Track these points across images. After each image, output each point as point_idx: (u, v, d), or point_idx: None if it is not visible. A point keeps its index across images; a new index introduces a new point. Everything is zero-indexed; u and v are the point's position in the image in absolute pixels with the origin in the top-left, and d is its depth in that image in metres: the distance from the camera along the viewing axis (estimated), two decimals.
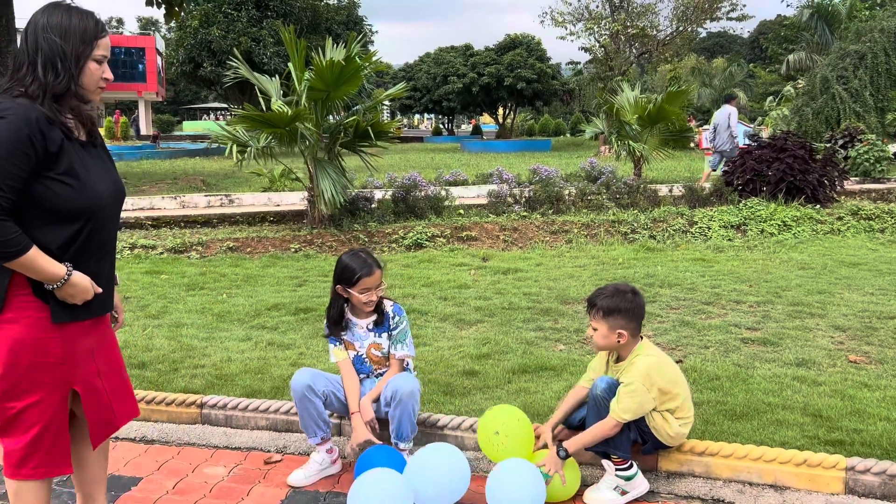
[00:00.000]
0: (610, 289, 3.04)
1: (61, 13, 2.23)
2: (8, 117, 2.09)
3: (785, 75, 35.29)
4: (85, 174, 2.23)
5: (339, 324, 3.32)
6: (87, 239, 2.26)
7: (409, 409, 3.13)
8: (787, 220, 9.59)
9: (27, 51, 2.22)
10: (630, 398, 2.88)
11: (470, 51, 52.37)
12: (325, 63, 8.69)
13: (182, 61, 35.05)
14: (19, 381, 2.21)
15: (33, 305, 2.20)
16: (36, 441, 2.25)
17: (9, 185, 2.07)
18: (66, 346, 2.26)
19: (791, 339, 4.93)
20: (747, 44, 71.10)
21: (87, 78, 2.27)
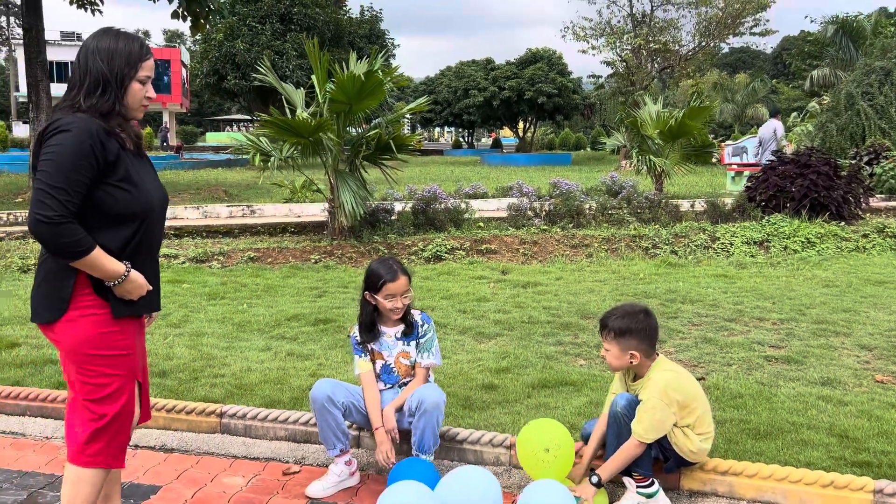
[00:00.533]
0: (621, 309, 3.03)
1: (109, 38, 2.42)
2: (72, 130, 2.28)
3: (809, 91, 35.01)
4: (139, 180, 2.43)
5: (372, 331, 3.32)
6: (140, 240, 2.45)
7: (433, 421, 3.11)
8: (811, 236, 9.48)
9: (78, 72, 2.41)
10: (650, 416, 2.84)
11: (491, 65, 52.58)
12: (347, 76, 8.75)
13: (206, 73, 35.48)
14: (92, 375, 2.39)
15: (95, 303, 2.37)
16: (101, 431, 2.42)
17: (75, 192, 2.26)
18: (127, 338, 2.45)
19: (816, 358, 4.86)
20: (770, 59, 70.71)
21: (131, 97, 2.45)
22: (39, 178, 2.27)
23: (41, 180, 2.25)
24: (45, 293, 2.39)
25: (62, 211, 2.22)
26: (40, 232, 2.24)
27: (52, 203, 2.22)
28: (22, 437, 3.83)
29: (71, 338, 2.36)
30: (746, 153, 17.98)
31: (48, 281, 2.38)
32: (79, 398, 2.43)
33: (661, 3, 34.00)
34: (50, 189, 2.23)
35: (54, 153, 2.27)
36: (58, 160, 2.26)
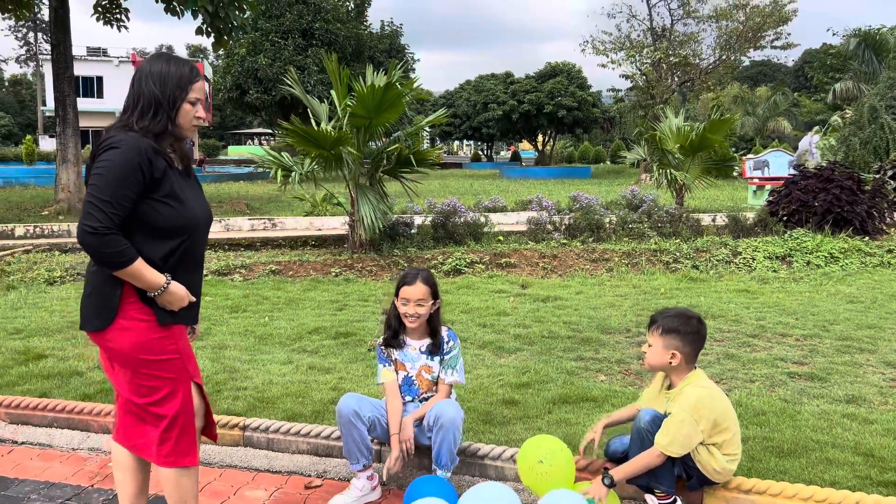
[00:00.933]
0: (677, 310, 3.04)
1: (162, 62, 2.57)
2: (122, 147, 2.42)
3: (831, 104, 34.72)
4: (184, 197, 2.55)
5: (397, 337, 3.34)
6: (184, 254, 2.57)
7: (450, 437, 3.12)
8: (835, 251, 9.39)
9: (133, 95, 2.55)
10: (677, 429, 2.83)
11: (510, 78, 52.69)
12: (367, 89, 8.83)
13: (229, 88, 35.90)
14: (146, 379, 2.52)
15: (141, 312, 2.50)
16: (166, 432, 2.56)
17: (121, 205, 2.39)
18: (176, 343, 2.57)
19: (840, 375, 4.81)
20: (792, 72, 70.23)
21: (182, 118, 2.58)
22: (89, 191, 2.40)
23: (91, 193, 2.38)
24: (94, 302, 2.51)
25: (108, 223, 2.35)
26: (87, 242, 2.37)
27: (99, 215, 2.35)
28: (49, 448, 3.88)
29: (124, 344, 2.48)
30: (768, 167, 17.87)
31: (98, 291, 2.50)
32: (138, 404, 2.56)
33: (681, 17, 33.97)
34: (98, 202, 2.36)
35: (104, 168, 2.40)
36: (107, 175, 2.39)
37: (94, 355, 5.28)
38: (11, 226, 12.57)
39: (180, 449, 2.58)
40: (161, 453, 2.57)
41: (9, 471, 3.59)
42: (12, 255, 9.90)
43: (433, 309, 3.34)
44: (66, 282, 8.56)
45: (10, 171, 29.38)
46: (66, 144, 16.15)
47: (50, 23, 16.37)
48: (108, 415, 3.99)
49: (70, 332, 6.08)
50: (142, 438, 2.62)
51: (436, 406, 3.20)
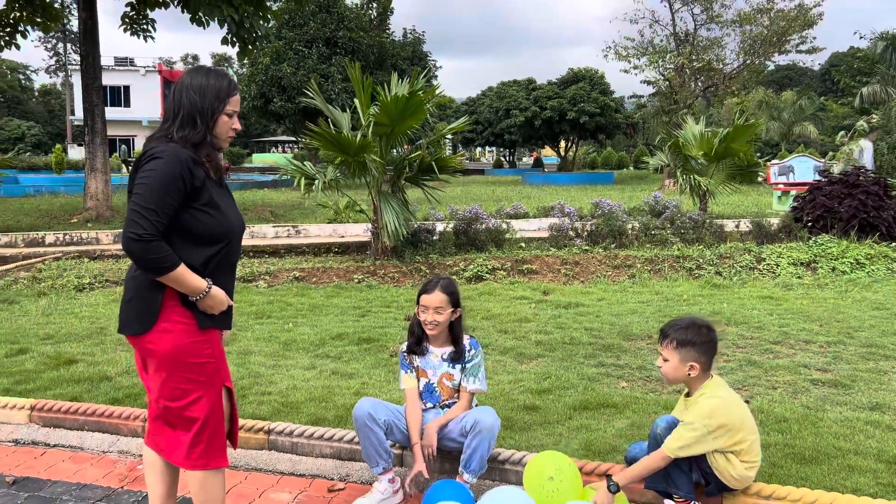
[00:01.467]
0: (686, 321, 3.03)
1: (201, 76, 2.67)
2: (164, 157, 2.51)
3: (858, 108, 34.29)
4: (222, 206, 2.66)
5: (420, 343, 3.39)
6: (221, 260, 2.66)
7: (485, 444, 3.16)
8: (861, 258, 9.29)
9: (173, 106, 2.64)
10: (687, 434, 2.86)
11: (532, 85, 52.70)
12: (391, 98, 8.92)
13: (253, 96, 36.29)
14: (181, 382, 2.60)
15: (182, 315, 2.58)
16: (198, 435, 2.63)
17: (164, 213, 2.48)
18: (213, 347, 2.66)
19: (864, 382, 4.78)
20: (818, 76, 69.42)
21: (219, 129, 2.68)
22: (134, 199, 2.49)
23: (135, 202, 2.48)
24: (135, 307, 2.59)
25: (152, 230, 2.44)
26: (131, 248, 2.45)
27: (144, 223, 2.44)
28: (80, 451, 3.98)
29: (164, 346, 2.56)
30: (793, 172, 17.70)
31: (139, 296, 2.59)
32: (170, 407, 2.63)
33: (704, 22, 33.76)
34: (142, 210, 2.45)
35: (148, 177, 2.49)
36: (150, 184, 2.48)
37: (123, 361, 5.40)
38: (42, 233, 12.82)
39: (211, 452, 2.65)
40: (192, 456, 2.63)
41: (42, 472, 3.69)
42: (43, 262, 10.11)
43: (454, 317, 3.38)
44: (95, 288, 8.73)
45: (41, 179, 29.95)
46: (94, 153, 16.45)
47: (79, 34, 16.70)
48: (136, 419, 4.09)
49: (99, 337, 6.21)
50: (170, 443, 2.69)
51: (473, 412, 3.24)
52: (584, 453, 3.58)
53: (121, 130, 47.37)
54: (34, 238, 12.54)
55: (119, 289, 8.67)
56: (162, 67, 52.61)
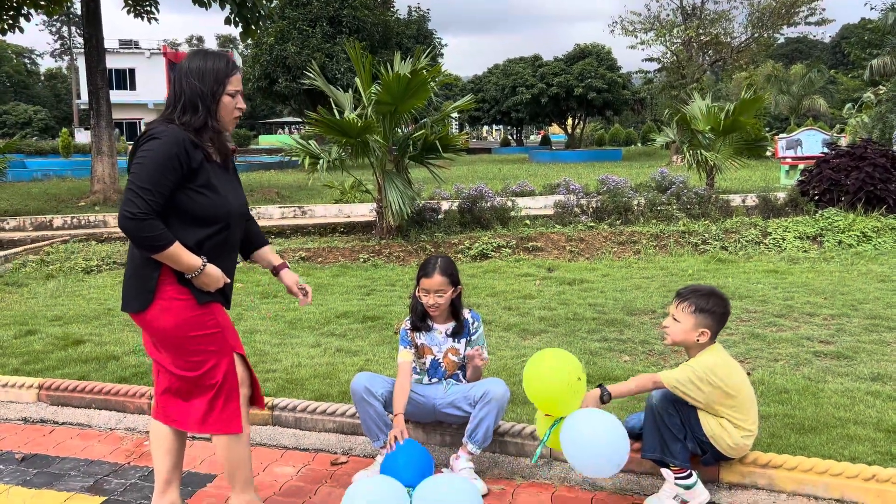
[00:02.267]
0: (707, 288, 3.06)
1: (199, 59, 2.69)
2: (162, 138, 2.56)
3: (868, 81, 33.90)
4: (219, 188, 2.69)
5: (424, 320, 3.42)
6: (217, 240, 2.70)
7: (493, 414, 3.19)
8: (867, 230, 9.25)
9: (175, 92, 2.68)
10: (685, 371, 2.92)
11: (539, 61, 52.30)
12: (392, 77, 8.88)
13: (258, 77, 36.19)
14: (191, 354, 2.66)
15: (179, 292, 2.63)
16: (213, 400, 2.70)
17: (159, 193, 2.52)
18: (216, 317, 2.72)
19: (867, 354, 4.78)
20: (828, 49, 68.60)
21: (223, 110, 2.71)
22: (130, 178, 2.54)
23: (131, 181, 2.52)
24: (133, 285, 2.66)
25: (146, 209, 2.48)
26: (127, 226, 2.49)
27: (138, 201, 2.48)
28: (88, 428, 4.05)
29: (165, 324, 2.62)
30: (801, 146, 17.56)
31: (136, 274, 2.65)
32: (189, 378, 2.69)
33: None
34: (138, 189, 2.49)
35: (144, 157, 2.54)
36: (147, 164, 2.53)
37: (130, 341, 5.46)
38: (50, 217, 12.91)
39: (225, 416, 2.71)
40: (208, 422, 2.71)
41: (51, 449, 3.75)
42: (51, 246, 10.19)
43: (454, 295, 3.40)
44: (103, 270, 8.80)
45: (48, 163, 30.07)
46: (100, 136, 16.49)
47: (82, 17, 16.68)
48: (143, 396, 4.15)
49: (107, 318, 6.27)
50: (182, 412, 2.76)
51: (486, 382, 3.28)
52: None
53: (127, 114, 47.39)
54: (42, 222, 12.62)
55: None
56: (167, 49, 52.47)
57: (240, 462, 2.78)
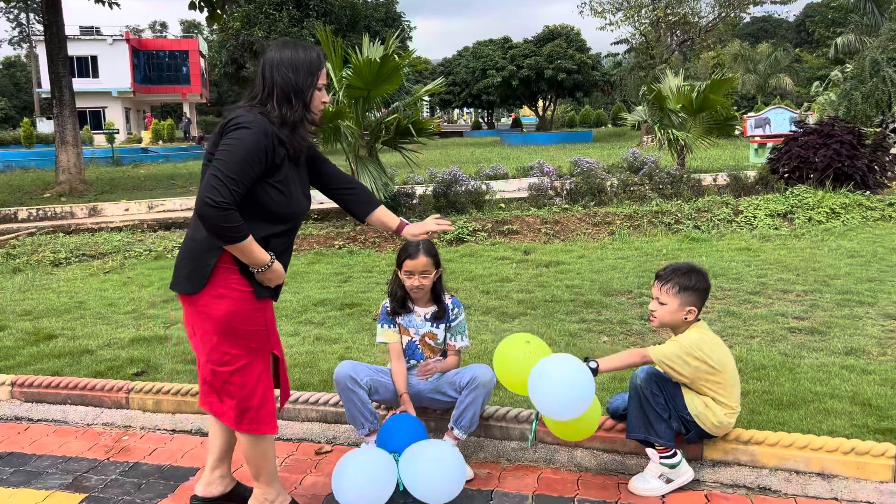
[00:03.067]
0: (686, 266, 3.06)
1: (290, 49, 2.63)
2: (252, 128, 2.49)
3: (833, 59, 34.36)
4: (294, 186, 2.65)
5: (405, 305, 3.39)
6: (282, 238, 2.67)
7: (479, 400, 3.18)
8: (836, 207, 9.40)
9: (264, 83, 2.60)
10: (672, 346, 2.95)
11: (509, 43, 52.19)
12: (363, 61, 8.79)
13: (225, 63, 35.70)
14: (232, 347, 2.61)
15: (240, 283, 2.59)
16: (247, 400, 2.65)
17: (243, 184, 2.46)
18: (266, 316, 2.68)
19: (840, 328, 4.87)
20: (793, 28, 69.34)
21: (313, 104, 2.66)
22: (216, 165, 2.46)
23: (217, 167, 2.44)
24: (188, 266, 2.60)
25: (229, 198, 2.42)
26: (206, 213, 2.41)
27: (223, 190, 2.41)
28: (64, 425, 3.97)
29: (218, 311, 2.57)
30: (769, 124, 17.75)
31: (193, 257, 2.59)
32: (217, 372, 2.64)
33: None
34: (223, 177, 2.42)
35: (233, 145, 2.47)
36: (236, 152, 2.46)
37: (104, 334, 5.37)
38: (14, 209, 12.62)
39: (260, 418, 2.67)
40: (244, 422, 2.66)
41: (27, 447, 3.68)
42: (17, 239, 9.97)
43: (437, 276, 3.38)
44: (72, 263, 8.63)
45: (10, 154, 29.35)
46: (63, 126, 16.13)
47: (41, 3, 16.25)
48: (120, 390, 4.08)
49: (78, 311, 6.16)
50: (219, 407, 2.71)
51: (472, 367, 3.26)
52: None
53: (90, 102, 46.34)
54: (6, 214, 12.34)
55: (96, 263, 8.58)
56: (129, 36, 51.38)
57: (265, 456, 2.75)
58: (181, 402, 3.95)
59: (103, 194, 15.71)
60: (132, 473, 3.34)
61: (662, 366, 2.94)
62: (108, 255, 8.90)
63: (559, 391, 2.83)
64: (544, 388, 2.86)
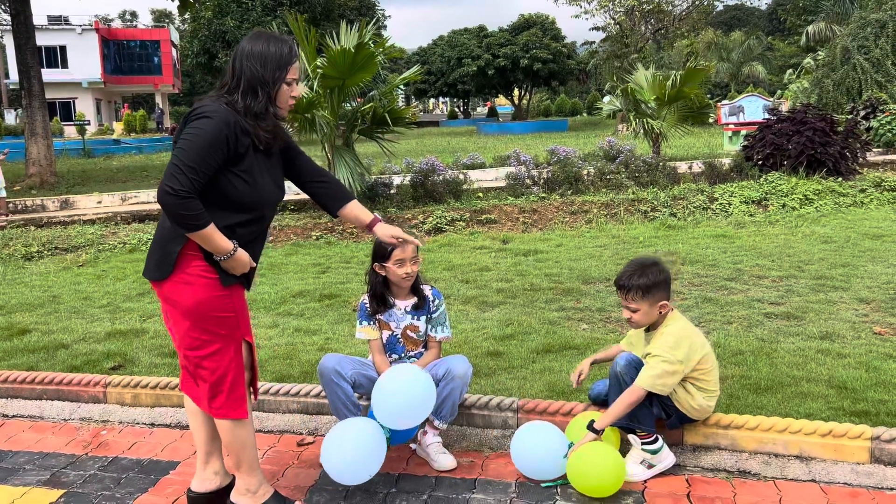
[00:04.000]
0: (635, 266, 3.04)
1: (262, 42, 2.62)
2: (214, 118, 2.51)
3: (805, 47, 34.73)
4: (259, 176, 2.64)
5: (385, 302, 3.35)
6: (249, 228, 2.68)
7: (457, 391, 3.18)
8: (809, 193, 9.52)
9: (233, 73, 2.62)
10: (659, 366, 2.91)
11: (484, 32, 52.12)
12: (338, 51, 8.72)
13: (197, 52, 35.23)
14: (202, 333, 2.64)
15: (206, 270, 2.61)
16: (217, 385, 2.68)
17: (203, 173, 2.47)
18: (234, 302, 2.69)
19: (815, 313, 4.93)
20: (765, 16, 70.02)
21: (280, 98, 2.66)
22: (176, 154, 2.49)
23: (177, 156, 2.47)
24: (156, 253, 2.65)
25: (188, 187, 2.44)
26: (166, 201, 2.44)
27: (182, 179, 2.43)
28: (40, 420, 3.92)
29: (185, 298, 2.60)
30: (743, 112, 17.93)
31: (160, 244, 2.64)
32: (189, 357, 2.69)
33: None
34: (182, 166, 2.44)
35: (193, 135, 2.49)
36: (195, 141, 2.48)
37: (79, 328, 5.29)
38: None
39: (231, 402, 2.70)
40: (214, 405, 2.71)
41: (3, 443, 3.62)
42: None
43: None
44: (45, 256, 8.49)
45: None
46: (33, 117, 15.83)
47: None
48: (97, 385, 4.02)
49: (52, 305, 6.07)
50: (196, 389, 2.76)
51: (445, 360, 3.25)
52: (549, 394, 3.64)
53: (60, 93, 45.53)
54: None
55: (70, 256, 8.45)
56: (99, 25, 50.47)
57: (244, 445, 2.77)
58: (160, 396, 3.91)
59: (75, 186, 15.48)
60: (111, 468, 3.30)
61: (655, 389, 2.93)
62: (81, 248, 8.78)
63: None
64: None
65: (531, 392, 3.69)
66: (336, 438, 2.94)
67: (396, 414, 2.97)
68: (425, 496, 2.96)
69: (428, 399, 3.00)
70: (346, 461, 2.89)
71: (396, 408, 2.96)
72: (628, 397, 2.93)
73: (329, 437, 2.96)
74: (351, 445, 2.90)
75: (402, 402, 2.95)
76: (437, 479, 3.09)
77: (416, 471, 3.17)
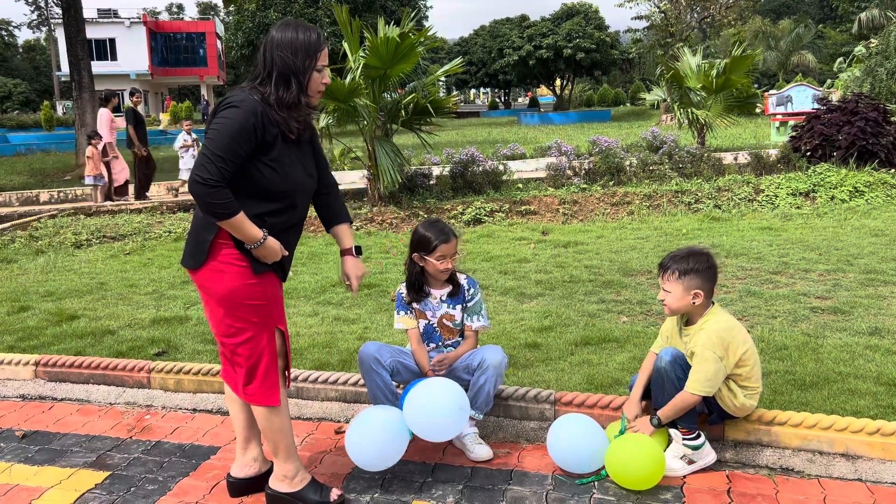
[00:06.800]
0: (684, 251, 3.02)
1: (290, 30, 2.63)
2: (242, 107, 2.54)
3: (857, 34, 33.67)
4: (289, 165, 2.67)
5: (421, 290, 3.37)
6: (281, 215, 2.69)
7: (492, 381, 3.17)
8: (860, 185, 9.25)
9: (264, 64, 2.63)
10: (705, 370, 2.85)
11: (526, 22, 51.70)
12: (380, 40, 8.73)
13: (241, 45, 35.64)
14: (235, 320, 2.68)
15: (237, 259, 2.64)
16: (251, 371, 2.73)
17: (232, 161, 2.51)
18: (266, 290, 2.71)
19: (863, 308, 4.80)
20: (816, 3, 68.05)
21: (311, 86, 2.66)
22: (205, 143, 2.54)
23: (206, 146, 2.52)
24: (190, 243, 2.71)
25: (218, 176, 2.48)
26: (196, 190, 2.49)
27: (211, 168, 2.48)
28: (87, 404, 4.02)
29: (218, 286, 2.65)
30: (791, 102, 17.49)
31: (195, 233, 2.70)
32: (225, 343, 2.74)
33: None
34: (211, 155, 2.49)
35: (221, 125, 2.53)
36: (223, 131, 2.52)
37: (125, 315, 5.42)
38: (36, 191, 12.75)
39: (264, 390, 2.74)
40: (248, 392, 2.76)
41: (51, 426, 3.73)
42: (39, 221, 10.07)
43: None
44: (93, 244, 8.71)
45: (31, 137, 29.65)
46: (83, 108, 16.23)
47: None
48: (141, 370, 4.11)
49: (100, 292, 6.22)
50: (233, 375, 2.82)
51: (480, 350, 3.25)
52: (587, 387, 3.61)
53: (109, 84, 46.50)
54: (28, 196, 12.47)
55: (117, 244, 8.65)
56: (147, 18, 51.47)
57: (280, 431, 2.80)
58: (202, 382, 3.99)
59: None
60: (154, 452, 3.37)
61: (708, 392, 2.88)
62: (128, 237, 8.97)
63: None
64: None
65: (569, 384, 3.66)
66: (360, 423, 3.00)
67: (425, 430, 3.01)
68: (461, 486, 2.96)
69: (459, 419, 3.01)
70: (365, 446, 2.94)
71: (428, 427, 2.99)
72: (681, 402, 2.89)
73: (355, 421, 3.02)
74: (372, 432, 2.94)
75: (432, 422, 2.97)
76: (472, 470, 3.09)
77: (452, 461, 3.18)
